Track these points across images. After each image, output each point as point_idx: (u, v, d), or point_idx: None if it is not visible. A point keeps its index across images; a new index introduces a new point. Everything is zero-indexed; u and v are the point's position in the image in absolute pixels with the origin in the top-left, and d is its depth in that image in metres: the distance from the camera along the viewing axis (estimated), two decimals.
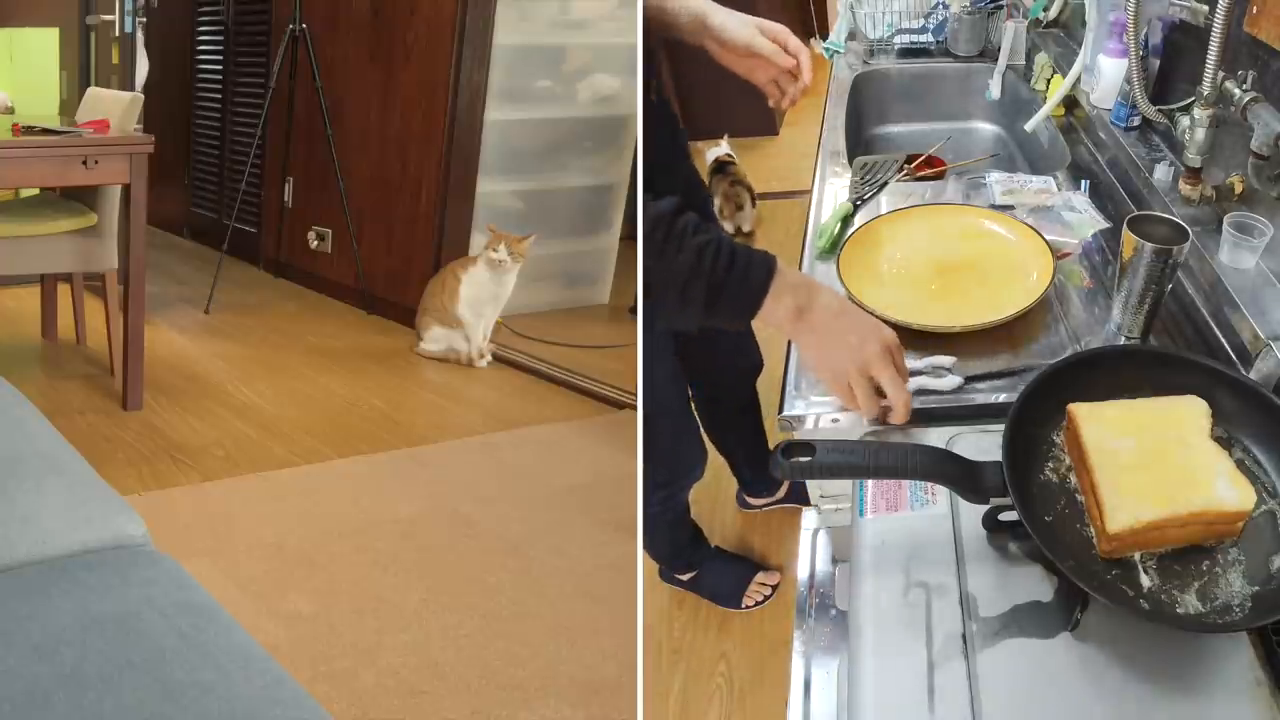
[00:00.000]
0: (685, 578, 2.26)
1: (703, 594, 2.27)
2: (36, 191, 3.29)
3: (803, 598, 1.70)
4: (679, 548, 2.20)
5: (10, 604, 1.16)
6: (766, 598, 2.27)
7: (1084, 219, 1.63)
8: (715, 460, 2.19)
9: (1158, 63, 1.75)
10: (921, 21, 2.63)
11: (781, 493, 2.48)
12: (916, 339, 1.36)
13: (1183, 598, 0.91)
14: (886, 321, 1.38)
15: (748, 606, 2.25)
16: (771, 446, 1.24)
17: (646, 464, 1.90)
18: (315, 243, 4.07)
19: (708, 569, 2.26)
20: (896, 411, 1.16)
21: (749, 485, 2.48)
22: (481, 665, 1.85)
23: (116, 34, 4.90)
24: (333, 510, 2.38)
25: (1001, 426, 1.00)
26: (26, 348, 3.37)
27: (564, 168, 3.89)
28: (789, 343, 1.42)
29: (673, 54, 2.68)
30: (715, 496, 2.52)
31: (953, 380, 1.26)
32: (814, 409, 1.28)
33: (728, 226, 3.71)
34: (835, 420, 1.27)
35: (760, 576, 2.28)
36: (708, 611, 2.24)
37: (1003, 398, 1.26)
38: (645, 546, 2.17)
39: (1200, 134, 1.44)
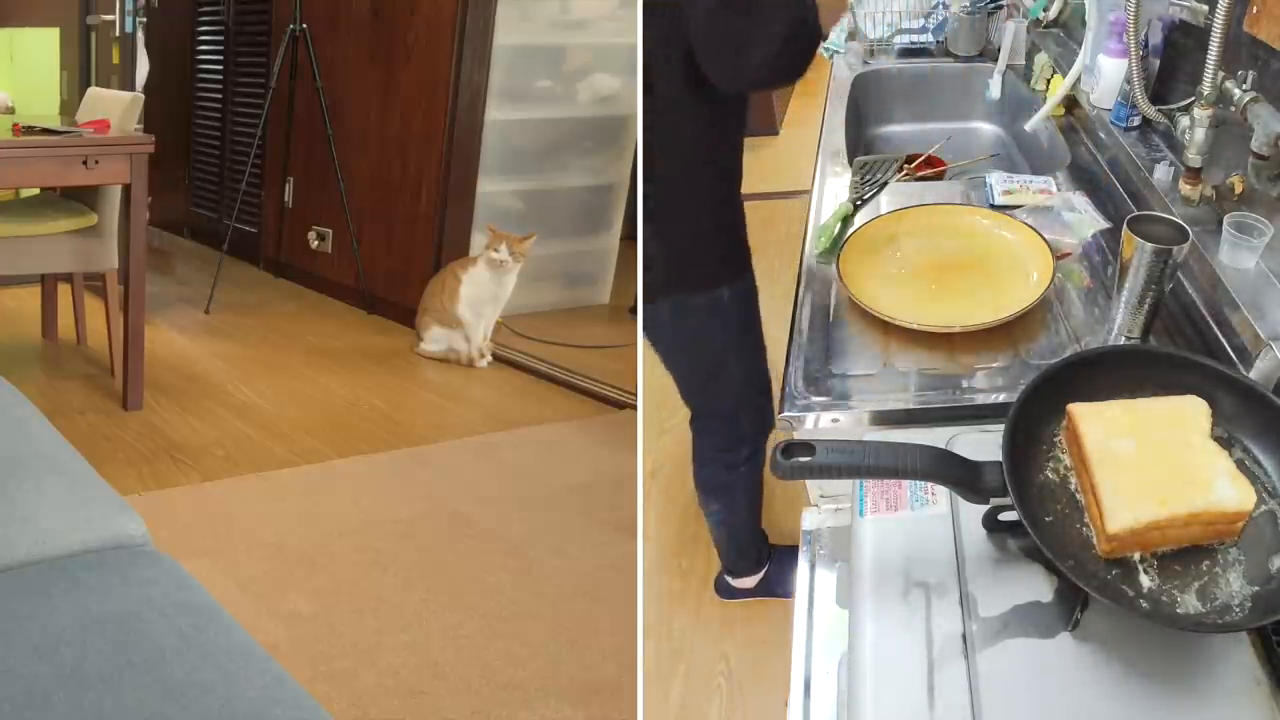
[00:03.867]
0: (751, 582, 2.23)
1: (776, 593, 2.22)
2: (36, 191, 3.29)
3: (803, 597, 1.69)
4: (756, 520, 2.15)
5: (10, 604, 1.16)
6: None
7: (1084, 219, 1.63)
8: None
9: (1158, 63, 1.75)
10: (921, 21, 2.63)
11: None
12: (916, 339, 1.36)
13: (1183, 598, 0.91)
14: (887, 322, 1.39)
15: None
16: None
17: (728, 419, 1.95)
18: (315, 243, 4.07)
19: (777, 564, 2.22)
20: None
21: None
22: (481, 665, 1.85)
23: (116, 34, 4.90)
24: (333, 510, 2.38)
25: (1001, 426, 1.00)
26: (26, 348, 3.37)
27: (564, 168, 3.89)
28: (789, 343, 1.42)
29: None
30: None
31: None
32: (814, 409, 1.29)
33: None
34: (835, 420, 1.28)
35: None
36: (708, 611, 2.24)
37: (1003, 398, 1.26)
38: (725, 522, 2.13)
39: (1200, 134, 1.44)
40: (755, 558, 2.22)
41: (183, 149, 4.77)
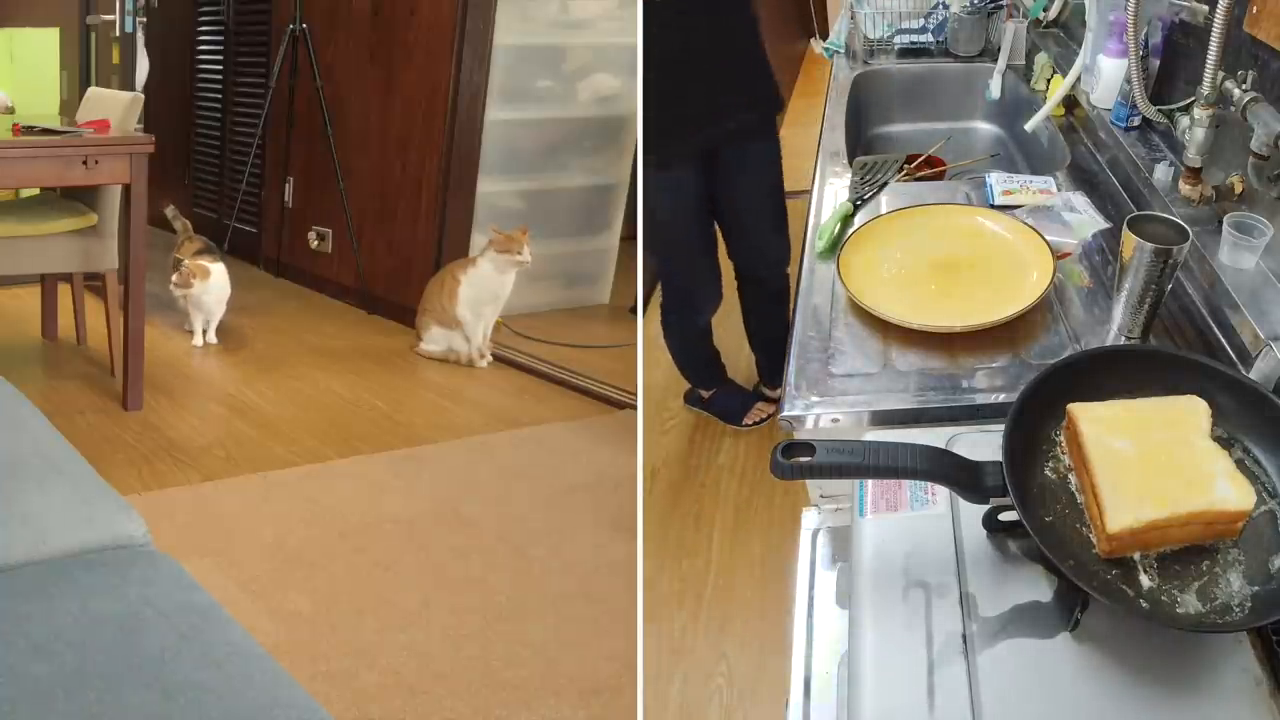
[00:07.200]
0: (706, 395, 2.81)
1: (714, 411, 2.82)
2: (37, 191, 3.29)
3: (803, 597, 1.69)
4: (697, 365, 2.75)
5: (10, 604, 1.16)
6: (762, 420, 2.79)
7: (1084, 219, 1.63)
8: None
9: (1158, 63, 1.75)
10: (921, 21, 2.63)
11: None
12: (916, 339, 1.36)
13: (1183, 598, 0.91)
14: (887, 322, 1.39)
15: (747, 425, 2.79)
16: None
17: (665, 289, 2.59)
18: (315, 243, 4.07)
19: (721, 391, 2.81)
20: None
21: (764, 372, 2.88)
22: (481, 665, 1.85)
23: (117, 34, 4.90)
24: (333, 510, 2.38)
25: (1001, 426, 1.00)
26: (26, 348, 3.37)
27: (564, 168, 3.89)
28: (789, 343, 1.43)
29: None
30: (739, 344, 2.85)
31: None
32: (814, 409, 1.29)
33: None
34: (835, 420, 1.28)
35: (760, 404, 2.81)
36: (708, 611, 2.24)
37: (1002, 398, 1.26)
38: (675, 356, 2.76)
39: (1200, 134, 1.44)
40: (706, 380, 2.79)
41: (183, 149, 4.77)
